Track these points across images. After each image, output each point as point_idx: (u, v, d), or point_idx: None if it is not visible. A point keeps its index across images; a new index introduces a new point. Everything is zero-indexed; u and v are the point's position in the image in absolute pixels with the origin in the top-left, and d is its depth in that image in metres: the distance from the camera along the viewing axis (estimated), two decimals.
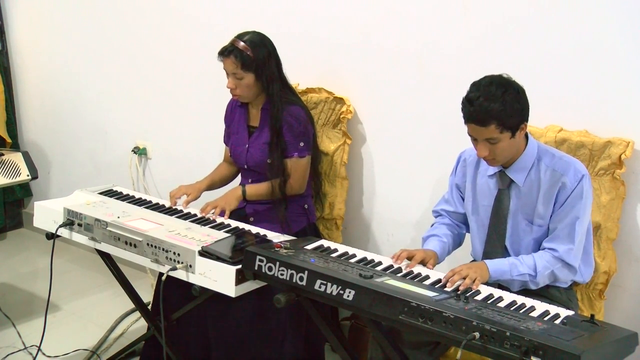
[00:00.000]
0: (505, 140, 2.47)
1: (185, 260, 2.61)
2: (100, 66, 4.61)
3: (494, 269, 2.52)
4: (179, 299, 2.94)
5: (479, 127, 2.45)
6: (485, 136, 2.46)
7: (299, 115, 3.19)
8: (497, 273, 2.52)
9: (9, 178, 3.59)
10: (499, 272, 2.52)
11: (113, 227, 2.86)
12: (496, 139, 2.46)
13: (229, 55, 3.10)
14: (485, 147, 2.49)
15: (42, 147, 5.09)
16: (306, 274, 2.36)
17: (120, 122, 4.58)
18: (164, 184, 4.40)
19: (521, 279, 2.55)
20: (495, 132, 2.44)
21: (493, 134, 2.45)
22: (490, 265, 2.52)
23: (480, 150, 2.51)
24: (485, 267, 2.51)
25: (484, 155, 2.52)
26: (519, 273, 2.54)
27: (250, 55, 3.09)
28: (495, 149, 2.49)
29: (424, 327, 2.13)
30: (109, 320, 3.91)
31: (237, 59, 3.08)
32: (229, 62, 3.10)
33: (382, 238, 3.56)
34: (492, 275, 2.51)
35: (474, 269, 2.45)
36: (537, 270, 2.54)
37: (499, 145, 2.48)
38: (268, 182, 3.20)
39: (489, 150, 2.49)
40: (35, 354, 3.32)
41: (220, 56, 3.14)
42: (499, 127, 2.43)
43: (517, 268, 2.54)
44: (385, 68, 3.35)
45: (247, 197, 3.19)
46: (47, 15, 4.84)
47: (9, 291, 4.15)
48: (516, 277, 2.54)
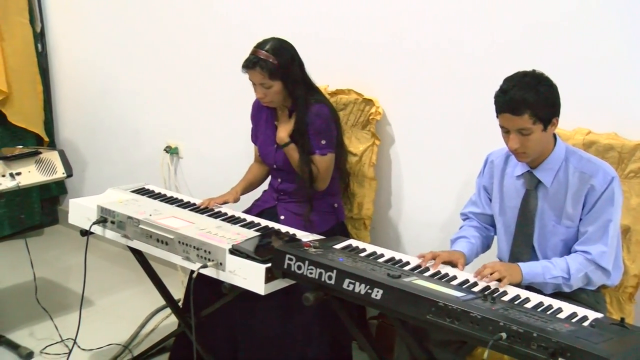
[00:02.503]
0: (537, 133, 2.44)
1: (215, 258, 2.61)
2: (133, 68, 4.63)
3: (527, 271, 2.48)
4: (209, 296, 2.94)
5: (513, 116, 2.42)
6: (518, 126, 2.43)
7: (322, 113, 3.17)
8: (530, 276, 2.48)
9: (46, 176, 3.61)
10: (532, 274, 2.48)
11: (145, 225, 2.87)
12: (528, 130, 2.43)
13: (255, 67, 3.07)
14: (516, 139, 2.46)
15: (77, 146, 5.13)
16: (335, 273, 2.35)
17: (152, 122, 4.60)
18: (195, 182, 4.42)
19: (554, 282, 2.50)
20: (529, 122, 2.41)
21: (526, 124, 2.42)
22: (524, 268, 2.48)
23: (511, 142, 2.47)
24: (519, 270, 2.47)
25: (515, 148, 2.48)
26: (553, 276, 2.49)
27: (275, 63, 3.05)
28: (526, 142, 2.46)
29: (451, 327, 2.11)
30: (140, 316, 3.93)
31: (263, 69, 3.05)
32: (256, 74, 3.08)
33: (410, 238, 3.54)
34: (525, 278, 2.47)
35: (506, 268, 2.43)
36: (570, 273, 2.50)
37: (531, 138, 2.45)
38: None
39: (520, 142, 2.46)
40: (72, 347, 3.34)
41: (244, 69, 3.10)
42: (532, 117, 2.41)
43: (550, 271, 2.50)
44: (413, 70, 3.34)
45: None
46: (84, 19, 4.87)
47: (46, 285, 4.18)
48: (549, 280, 2.50)
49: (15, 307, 3.94)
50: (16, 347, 3.58)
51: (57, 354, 3.54)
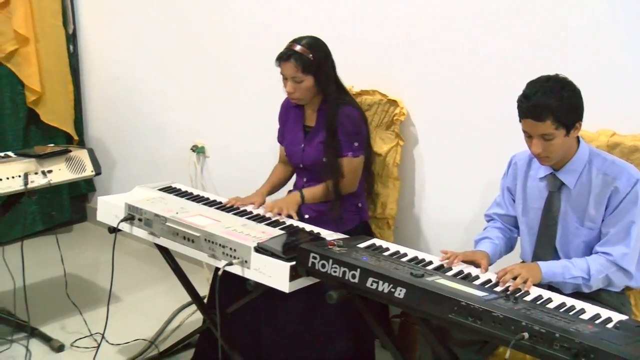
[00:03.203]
0: (559, 138, 2.42)
1: (241, 256, 2.62)
2: (161, 68, 4.66)
3: (547, 270, 2.46)
4: (234, 294, 2.94)
5: (535, 122, 2.40)
6: (540, 132, 2.41)
7: (353, 116, 3.18)
8: (549, 275, 2.46)
9: (76, 173, 3.64)
10: (551, 274, 2.47)
11: (172, 223, 2.88)
12: (551, 135, 2.41)
13: (289, 60, 3.09)
14: (539, 144, 2.44)
15: (105, 145, 5.16)
16: (358, 272, 2.34)
17: (179, 121, 4.62)
18: (221, 181, 4.43)
19: (574, 282, 2.48)
20: (551, 127, 2.39)
21: (548, 130, 2.40)
22: (543, 267, 2.46)
23: (534, 147, 2.45)
24: (538, 269, 2.45)
25: (537, 152, 2.46)
26: (572, 276, 2.47)
27: (309, 58, 3.08)
28: (549, 146, 2.44)
29: (473, 327, 2.10)
30: (166, 312, 3.95)
31: (297, 62, 3.08)
32: (289, 66, 3.09)
33: (433, 238, 3.53)
34: (545, 277, 2.45)
35: (527, 269, 2.41)
36: (590, 274, 2.47)
37: (553, 142, 2.43)
38: (323, 184, 3.19)
39: (543, 147, 2.44)
40: (100, 341, 3.36)
41: (278, 61, 3.13)
42: (555, 122, 2.39)
43: (570, 271, 2.48)
44: (437, 71, 3.32)
45: (305, 201, 3.19)
46: (114, 21, 4.91)
47: (75, 281, 4.21)
48: (569, 280, 2.48)
49: (47, 301, 3.97)
50: (48, 339, 3.62)
51: (86, 347, 3.57)
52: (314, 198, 3.19)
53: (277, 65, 3.14)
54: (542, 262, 2.51)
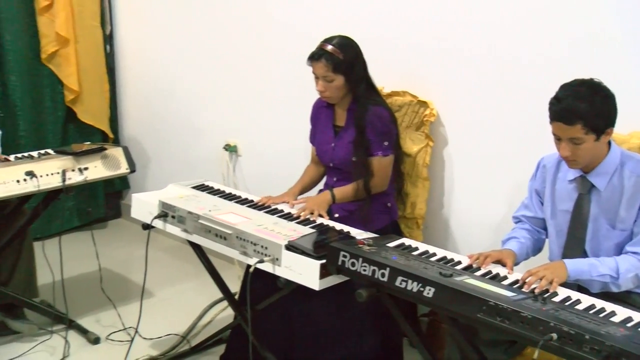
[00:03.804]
0: (589, 142, 2.39)
1: (272, 254, 2.62)
2: (195, 68, 4.68)
3: (573, 268, 2.41)
4: (264, 291, 2.95)
5: (565, 125, 2.37)
6: (569, 135, 2.38)
7: (382, 116, 3.18)
8: (575, 273, 2.41)
9: (111, 171, 3.67)
10: (578, 271, 2.42)
11: (204, 220, 2.89)
12: (580, 140, 2.38)
13: (320, 59, 3.10)
14: (568, 147, 2.41)
15: (140, 143, 5.20)
16: (388, 271, 2.34)
17: (213, 120, 4.64)
18: (252, 180, 4.44)
19: (601, 280, 2.43)
20: (580, 132, 2.36)
21: (578, 134, 2.37)
22: (569, 265, 2.42)
23: (562, 150, 2.43)
24: (564, 267, 2.41)
25: (565, 156, 2.43)
26: (600, 274, 2.42)
27: (340, 58, 3.08)
28: (577, 150, 2.41)
29: (501, 326, 2.09)
30: (198, 308, 3.97)
31: (327, 62, 3.08)
32: (320, 66, 3.10)
33: (461, 238, 3.50)
34: (571, 275, 2.40)
35: (551, 270, 2.37)
36: (619, 273, 2.42)
37: (582, 147, 2.40)
38: (353, 183, 3.19)
39: (571, 150, 2.41)
40: (133, 335, 3.39)
41: (309, 60, 3.14)
42: (585, 127, 2.36)
43: (597, 269, 2.43)
44: (468, 73, 3.30)
45: (335, 200, 3.18)
46: (149, 22, 4.95)
47: (109, 276, 4.25)
48: (596, 278, 2.43)
49: (83, 294, 4.01)
50: (85, 332, 3.66)
51: (120, 341, 3.60)
52: (344, 197, 3.19)
53: (308, 65, 3.15)
54: (568, 260, 2.47)
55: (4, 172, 3.29)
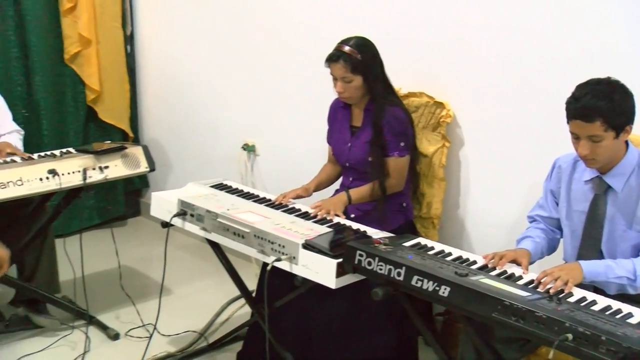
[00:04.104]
0: (608, 140, 2.37)
1: (289, 252, 2.63)
2: (214, 69, 4.70)
3: (588, 269, 2.39)
4: (281, 289, 2.96)
5: (584, 123, 2.36)
6: (588, 133, 2.37)
7: (399, 116, 3.18)
8: (591, 274, 2.39)
9: (131, 169, 3.69)
10: (594, 273, 2.40)
11: (223, 219, 2.91)
12: (600, 137, 2.36)
13: (338, 60, 3.10)
14: (587, 146, 2.39)
15: (159, 142, 5.23)
16: (404, 270, 2.34)
17: (231, 120, 4.66)
18: (270, 179, 4.45)
19: (618, 282, 2.41)
20: (600, 129, 2.35)
21: (597, 132, 2.35)
22: (585, 266, 2.40)
23: (581, 148, 2.41)
24: (579, 268, 2.39)
25: (584, 154, 2.41)
26: (616, 276, 2.40)
27: (358, 58, 3.08)
28: (597, 148, 2.39)
29: (516, 326, 2.08)
30: (215, 305, 3.98)
31: (346, 63, 3.08)
32: (338, 67, 3.10)
33: (477, 238, 3.50)
34: (587, 276, 2.38)
35: (566, 271, 2.35)
36: (636, 275, 2.39)
37: (602, 145, 2.38)
38: (369, 184, 3.19)
39: (590, 149, 2.39)
40: (152, 331, 3.41)
41: (327, 62, 3.14)
42: (604, 124, 2.34)
43: (614, 270, 2.41)
44: (485, 74, 3.30)
45: (351, 201, 3.18)
46: (169, 23, 4.97)
47: (129, 273, 4.28)
48: (612, 280, 2.40)
49: (103, 291, 4.04)
50: (105, 327, 3.69)
51: (139, 337, 3.63)
52: (360, 198, 3.19)
53: (326, 66, 3.15)
54: (583, 261, 2.45)
55: (27, 170, 3.32)
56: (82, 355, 3.44)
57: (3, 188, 3.21)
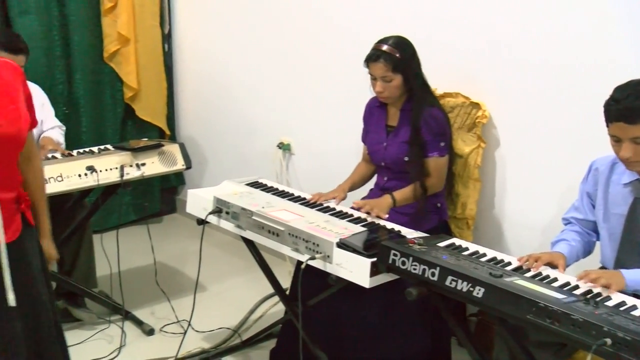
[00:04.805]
0: None
1: (323, 251, 2.63)
2: (251, 68, 4.71)
3: (631, 278, 2.32)
4: (315, 287, 2.95)
5: (627, 125, 2.30)
6: (631, 135, 2.31)
7: (438, 116, 3.16)
8: (634, 283, 2.32)
9: (167, 167, 3.72)
10: (637, 282, 2.33)
11: (258, 217, 2.91)
12: None
13: (378, 60, 3.09)
14: (630, 148, 2.34)
15: (196, 140, 5.26)
16: (438, 270, 2.32)
17: (267, 119, 4.67)
18: (305, 177, 4.46)
19: None
20: None
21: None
22: (627, 275, 2.33)
23: (623, 151, 2.35)
24: (622, 277, 2.32)
25: (627, 157, 2.36)
26: None
27: (398, 57, 3.07)
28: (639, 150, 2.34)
29: (551, 328, 2.05)
30: (249, 302, 4.00)
31: (386, 62, 3.07)
32: (379, 67, 3.09)
33: (511, 239, 3.47)
34: (629, 285, 2.32)
35: (609, 275, 2.30)
36: None
37: None
38: (411, 186, 3.16)
39: (634, 151, 2.34)
40: (186, 327, 3.44)
41: (366, 62, 3.12)
42: None
43: None
44: (521, 75, 3.27)
45: (396, 204, 3.15)
46: (207, 21, 5.00)
47: (164, 270, 4.31)
48: None
49: (138, 287, 4.08)
50: (140, 323, 3.73)
51: (173, 333, 3.65)
52: (404, 199, 3.16)
53: (365, 66, 3.14)
54: (625, 270, 2.38)
55: (66, 166, 3.37)
56: (118, 349, 3.48)
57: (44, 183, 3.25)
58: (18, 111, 2.16)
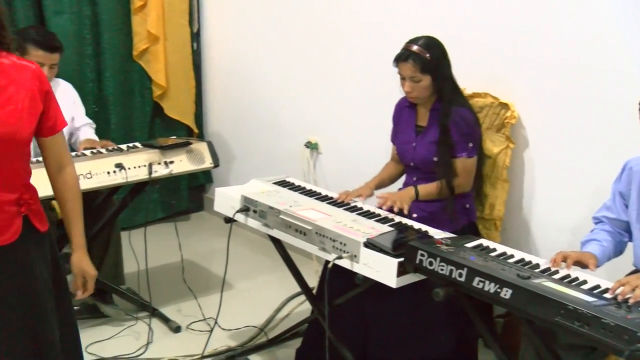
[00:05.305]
0: None
1: (350, 250, 2.63)
2: (279, 66, 4.73)
3: None
4: (342, 287, 2.95)
5: None
6: None
7: (467, 117, 3.15)
8: None
9: (195, 165, 3.74)
10: None
11: (285, 215, 2.92)
12: None
13: (407, 60, 3.08)
14: None
15: (224, 138, 5.28)
16: (465, 271, 2.32)
17: (295, 118, 4.68)
18: (332, 177, 4.46)
19: None
20: None
21: None
22: None
23: None
24: None
25: None
26: None
27: (427, 58, 3.06)
28: None
29: (580, 332, 2.04)
30: (275, 301, 4.01)
31: (415, 62, 3.07)
32: (407, 67, 3.09)
33: (540, 241, 3.44)
34: None
35: None
36: None
37: None
38: (437, 182, 3.16)
39: None
40: (213, 325, 3.46)
41: (396, 62, 3.12)
42: None
43: None
44: (550, 75, 3.25)
45: (419, 197, 3.16)
46: (235, 20, 5.02)
47: (191, 267, 4.34)
48: None
49: (166, 284, 4.11)
50: (167, 320, 3.75)
51: (200, 330, 3.67)
52: (428, 194, 3.16)
53: (394, 66, 3.14)
54: None
55: (95, 164, 3.40)
56: (145, 345, 3.51)
57: None
58: (17, 112, 2.11)
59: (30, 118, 2.16)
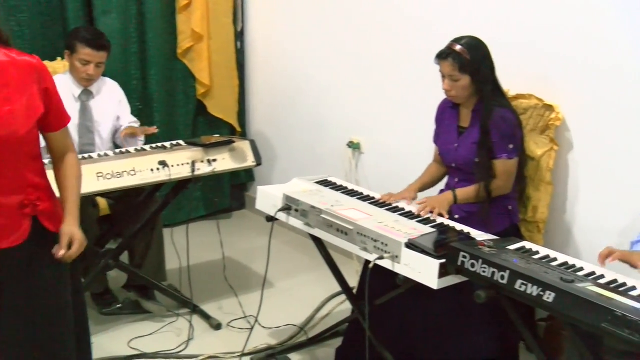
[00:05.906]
0: None
1: (392, 251, 2.63)
2: (322, 65, 4.74)
3: None
4: (382, 287, 2.96)
5: None
6: None
7: (508, 118, 3.13)
8: None
9: (238, 163, 3.77)
10: None
11: (327, 215, 2.93)
12: None
13: (447, 58, 3.09)
14: None
15: (266, 137, 5.31)
16: (508, 273, 2.31)
17: (337, 118, 4.69)
18: (374, 177, 4.46)
19: None
20: None
21: None
22: None
23: None
24: None
25: None
26: None
27: (467, 58, 3.06)
28: None
29: (630, 339, 2.00)
30: (316, 300, 4.03)
31: (454, 61, 3.07)
32: (447, 65, 3.09)
33: (584, 244, 3.41)
34: None
35: None
36: None
37: None
38: (475, 185, 3.16)
39: None
40: (253, 323, 3.49)
41: (437, 59, 3.13)
42: None
43: None
44: (596, 78, 3.21)
45: (457, 201, 3.16)
46: (279, 19, 5.04)
47: (232, 265, 4.37)
48: None
49: (207, 282, 4.15)
50: (208, 317, 3.79)
51: (240, 328, 3.70)
52: (466, 198, 3.16)
53: (436, 63, 3.14)
54: None
55: (140, 161, 3.45)
56: (186, 342, 3.55)
57: (118, 177, 3.35)
58: (13, 113, 2.10)
59: (27, 119, 2.14)
